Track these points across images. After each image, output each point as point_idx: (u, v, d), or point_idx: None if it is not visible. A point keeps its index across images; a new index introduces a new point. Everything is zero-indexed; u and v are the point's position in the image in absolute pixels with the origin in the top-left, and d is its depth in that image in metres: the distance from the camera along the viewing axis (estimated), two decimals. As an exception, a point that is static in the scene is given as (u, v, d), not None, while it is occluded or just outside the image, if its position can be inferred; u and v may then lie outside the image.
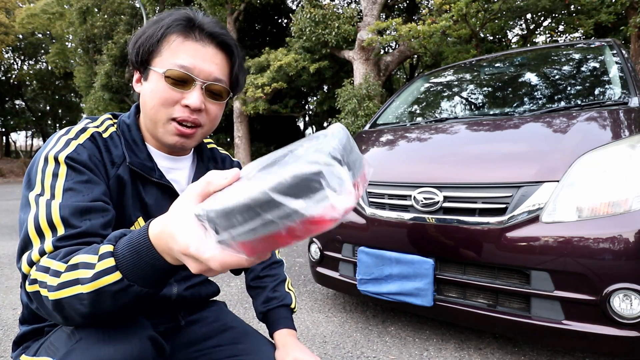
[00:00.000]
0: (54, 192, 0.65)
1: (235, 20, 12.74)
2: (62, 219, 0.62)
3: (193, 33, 0.74)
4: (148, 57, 0.75)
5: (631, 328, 1.30)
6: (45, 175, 0.66)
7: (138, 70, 0.79)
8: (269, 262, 1.04)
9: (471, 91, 2.81)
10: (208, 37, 0.75)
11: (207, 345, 0.86)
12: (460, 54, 8.28)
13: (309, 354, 0.84)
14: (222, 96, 0.79)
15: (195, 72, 0.73)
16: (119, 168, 0.76)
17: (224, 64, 0.78)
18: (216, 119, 0.81)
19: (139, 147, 0.80)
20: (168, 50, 0.73)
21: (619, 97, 1.86)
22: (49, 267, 0.56)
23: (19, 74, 26.24)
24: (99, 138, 0.75)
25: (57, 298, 0.53)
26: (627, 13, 7.40)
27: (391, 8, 12.92)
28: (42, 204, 0.63)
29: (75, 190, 0.65)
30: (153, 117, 0.76)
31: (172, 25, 0.74)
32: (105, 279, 0.52)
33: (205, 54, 0.75)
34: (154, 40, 0.74)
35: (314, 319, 2.16)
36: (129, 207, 0.76)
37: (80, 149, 0.70)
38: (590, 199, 1.43)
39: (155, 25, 0.75)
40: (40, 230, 0.61)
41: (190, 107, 0.73)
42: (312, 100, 16.71)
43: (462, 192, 1.65)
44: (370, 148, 2.31)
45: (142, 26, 0.79)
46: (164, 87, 0.73)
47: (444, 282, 1.67)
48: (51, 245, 0.59)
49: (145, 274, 0.52)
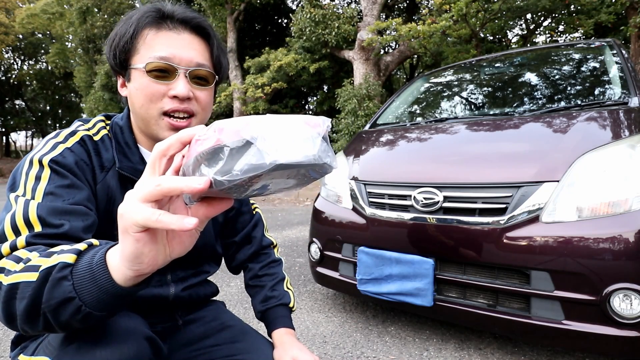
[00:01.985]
0: (34, 194, 0.64)
1: (235, 20, 12.74)
2: (39, 217, 0.61)
3: (165, 23, 0.73)
4: (125, 57, 0.74)
5: (631, 328, 1.30)
6: (28, 178, 0.65)
7: (120, 74, 0.77)
8: (267, 260, 1.04)
9: (471, 91, 2.81)
10: (181, 24, 0.74)
11: (205, 344, 0.86)
12: (460, 54, 8.29)
13: (307, 353, 0.84)
14: (209, 81, 0.77)
15: (176, 60, 0.72)
16: (109, 172, 0.75)
17: (202, 49, 0.76)
18: (208, 106, 0.79)
19: (132, 150, 0.78)
20: (144, 46, 0.72)
21: (619, 97, 1.86)
22: (21, 257, 0.54)
23: (19, 74, 26.23)
24: (88, 141, 0.74)
25: (11, 282, 0.50)
26: (627, 13, 7.40)
27: (391, 8, 12.93)
28: (20, 203, 0.62)
29: (56, 195, 0.65)
30: (144, 115, 0.74)
31: (141, 19, 0.72)
32: (57, 258, 0.48)
33: (182, 42, 0.73)
34: (127, 38, 0.72)
35: (314, 319, 2.16)
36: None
37: (67, 153, 0.69)
38: (590, 199, 1.43)
39: (125, 23, 0.74)
40: (16, 227, 0.60)
41: (178, 96, 0.72)
42: (312, 100, 16.70)
43: (462, 192, 1.65)
44: (370, 148, 2.31)
45: None
46: (147, 82, 0.71)
47: (444, 282, 1.67)
48: (24, 240, 0.58)
49: (84, 279, 0.47)
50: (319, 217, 2.19)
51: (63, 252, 0.50)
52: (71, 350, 0.58)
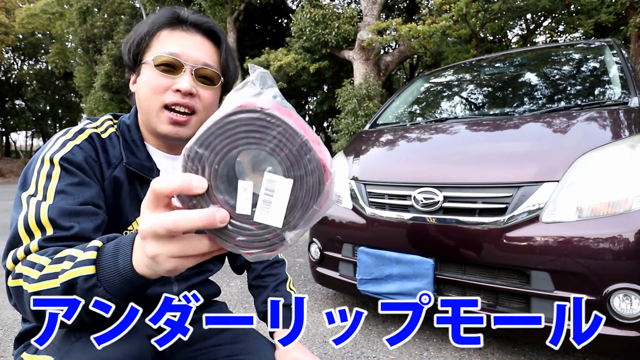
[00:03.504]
0: (45, 193, 0.66)
1: (235, 20, 12.74)
2: (50, 220, 0.63)
3: (180, 25, 0.78)
4: (139, 53, 0.78)
5: (631, 328, 1.30)
6: (39, 176, 0.67)
7: (133, 70, 0.81)
8: (271, 261, 1.04)
9: (471, 91, 2.81)
10: (194, 27, 0.78)
11: (207, 344, 0.86)
12: (460, 54, 8.28)
13: (308, 354, 0.84)
14: (214, 81, 0.80)
15: (184, 57, 0.75)
16: (116, 169, 0.76)
17: (212, 51, 0.80)
18: (210, 106, 0.80)
19: (138, 147, 0.80)
20: (157, 43, 0.77)
21: (619, 97, 1.86)
22: (35, 262, 0.57)
23: (19, 74, 26.25)
24: (96, 139, 0.76)
25: (35, 290, 0.53)
26: (627, 13, 7.40)
27: (391, 8, 12.93)
28: (32, 205, 0.64)
29: (67, 193, 0.66)
30: (147, 107, 0.77)
31: (160, 21, 0.77)
32: (80, 269, 0.50)
33: (193, 42, 0.77)
34: (143, 36, 0.77)
35: (314, 319, 2.16)
36: (126, 208, 0.77)
37: (76, 150, 0.71)
38: (590, 199, 1.43)
39: (144, 25, 0.79)
40: (29, 230, 0.62)
41: (181, 91, 0.74)
42: (312, 100, 16.71)
43: (462, 192, 1.65)
44: (371, 148, 2.31)
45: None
46: (154, 75, 0.75)
47: (444, 282, 1.67)
48: (37, 244, 0.60)
49: (114, 279, 0.49)
50: (319, 217, 2.19)
51: (78, 266, 0.51)
52: (74, 348, 0.58)
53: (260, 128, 0.36)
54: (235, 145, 0.36)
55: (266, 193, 0.37)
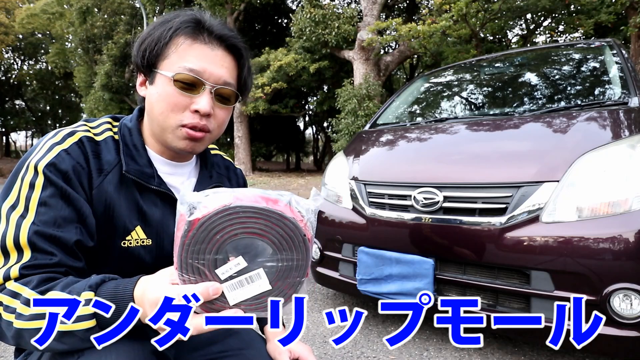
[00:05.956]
0: (28, 204, 0.64)
1: (235, 20, 12.74)
2: (30, 242, 0.61)
3: (202, 35, 0.72)
4: (155, 59, 0.73)
5: (631, 328, 1.30)
6: (22, 185, 0.65)
7: (143, 73, 0.76)
8: None
9: (471, 91, 2.81)
10: (217, 40, 0.73)
11: (212, 350, 0.85)
12: (460, 54, 8.27)
13: (300, 344, 0.83)
14: (231, 100, 0.77)
15: (205, 75, 0.71)
16: (108, 175, 0.72)
17: (232, 67, 0.76)
18: (223, 124, 0.79)
19: (139, 153, 0.76)
20: (176, 53, 0.71)
21: (619, 97, 1.86)
22: (19, 294, 0.57)
23: (19, 74, 26.25)
24: (87, 143, 0.72)
25: (22, 327, 0.56)
26: (627, 13, 7.39)
27: (391, 8, 12.92)
28: (13, 222, 0.62)
29: (50, 206, 0.64)
30: (162, 123, 0.73)
31: (180, 27, 0.72)
32: (80, 324, 0.56)
33: (214, 57, 0.73)
34: (162, 43, 0.71)
35: (314, 319, 2.16)
36: (124, 215, 0.73)
37: (63, 156, 0.68)
38: (590, 199, 1.43)
39: (162, 27, 0.73)
40: (5, 250, 0.61)
41: (200, 112, 0.71)
42: (312, 100, 16.70)
43: (462, 192, 1.65)
44: (370, 148, 2.31)
45: (142, 26, 0.79)
46: (172, 92, 0.71)
47: (444, 282, 1.67)
48: (17, 271, 0.59)
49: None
50: (319, 217, 2.19)
51: (78, 321, 0.56)
52: (80, 359, 0.58)
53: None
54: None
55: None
